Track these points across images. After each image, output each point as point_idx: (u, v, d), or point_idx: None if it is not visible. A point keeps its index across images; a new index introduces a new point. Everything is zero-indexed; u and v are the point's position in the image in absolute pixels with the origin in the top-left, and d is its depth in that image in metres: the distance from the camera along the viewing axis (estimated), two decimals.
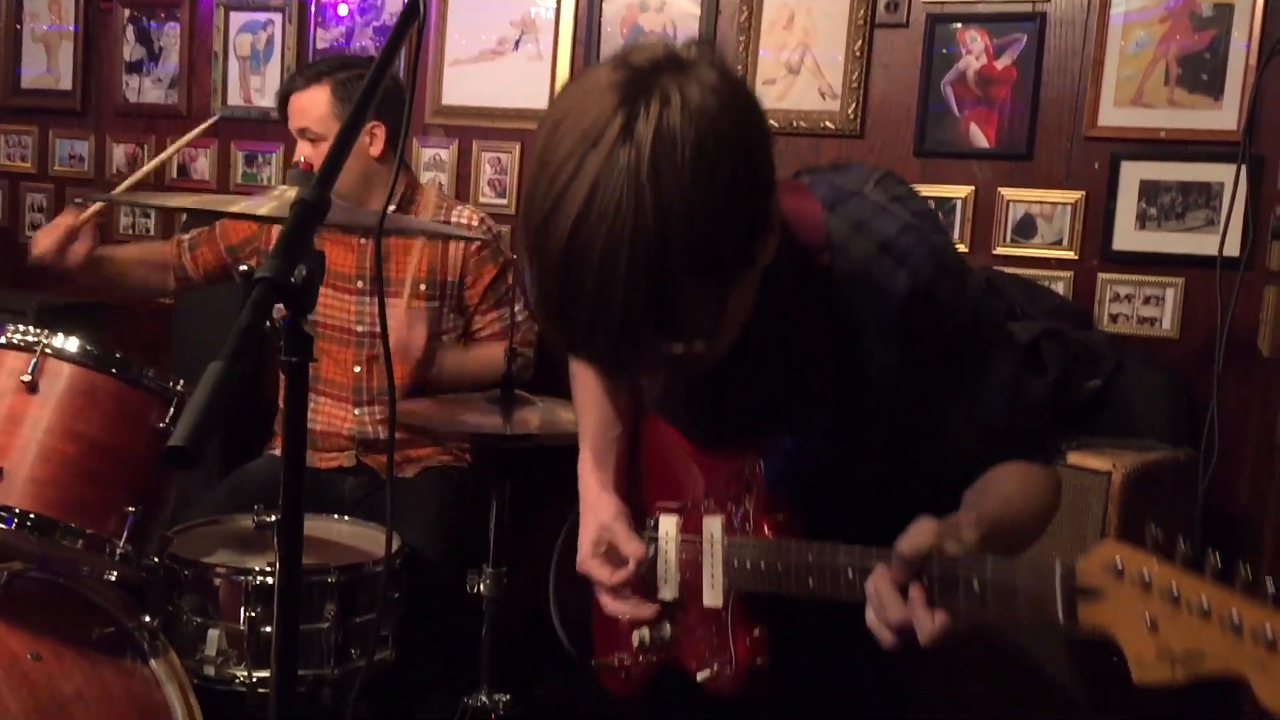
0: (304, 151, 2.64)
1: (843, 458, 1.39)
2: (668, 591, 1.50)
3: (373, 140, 2.67)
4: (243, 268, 1.04)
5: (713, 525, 1.44)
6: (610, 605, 1.50)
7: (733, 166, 1.06)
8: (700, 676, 1.43)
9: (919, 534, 1.14)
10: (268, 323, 1.04)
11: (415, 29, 1.32)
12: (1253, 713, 1.75)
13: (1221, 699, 2.19)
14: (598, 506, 1.55)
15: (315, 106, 2.63)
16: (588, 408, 1.68)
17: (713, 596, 1.43)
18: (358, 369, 2.77)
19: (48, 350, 1.97)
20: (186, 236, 2.92)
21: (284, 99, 2.69)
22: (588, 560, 1.52)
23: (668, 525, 1.52)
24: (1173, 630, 0.94)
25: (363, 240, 2.73)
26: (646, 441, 1.64)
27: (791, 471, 1.38)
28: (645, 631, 1.52)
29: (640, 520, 1.56)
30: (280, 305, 1.04)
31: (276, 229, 2.59)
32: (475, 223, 2.79)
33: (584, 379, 1.70)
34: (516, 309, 2.81)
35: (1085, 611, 1.01)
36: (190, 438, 0.86)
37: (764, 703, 1.46)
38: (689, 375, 1.35)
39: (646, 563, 1.48)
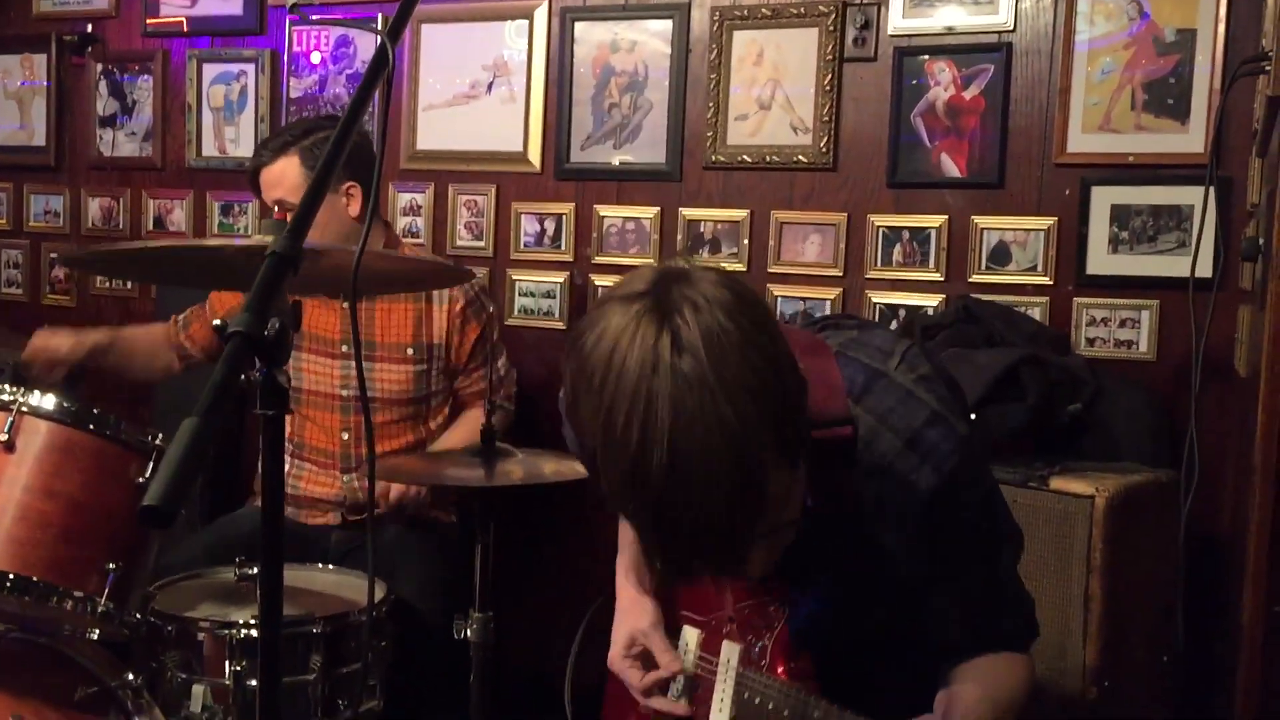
0: (283, 217, 2.64)
1: (855, 622, 1.46)
2: (679, 702, 1.55)
3: (350, 201, 2.68)
4: (216, 322, 1.04)
5: (731, 651, 1.50)
6: (647, 702, 1.56)
7: (769, 339, 1.13)
8: None
9: None
10: (243, 376, 1.04)
11: (385, 77, 1.32)
12: (1245, 714, 1.75)
13: (1218, 701, 2.19)
14: (634, 610, 1.62)
15: (286, 177, 2.63)
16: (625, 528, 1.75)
17: (720, 713, 1.49)
18: (345, 435, 2.75)
19: (24, 408, 1.96)
20: (180, 316, 2.93)
21: (254, 175, 2.69)
22: (619, 660, 1.60)
23: (689, 637, 1.58)
24: None
25: (344, 304, 2.73)
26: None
27: (811, 624, 1.45)
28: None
29: (667, 627, 1.61)
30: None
31: None
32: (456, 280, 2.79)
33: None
34: (499, 364, 2.82)
35: None
36: (165, 497, 0.86)
37: None
38: (770, 564, 1.34)
39: (683, 677, 1.54)
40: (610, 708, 1.78)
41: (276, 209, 2.67)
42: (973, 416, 1.50)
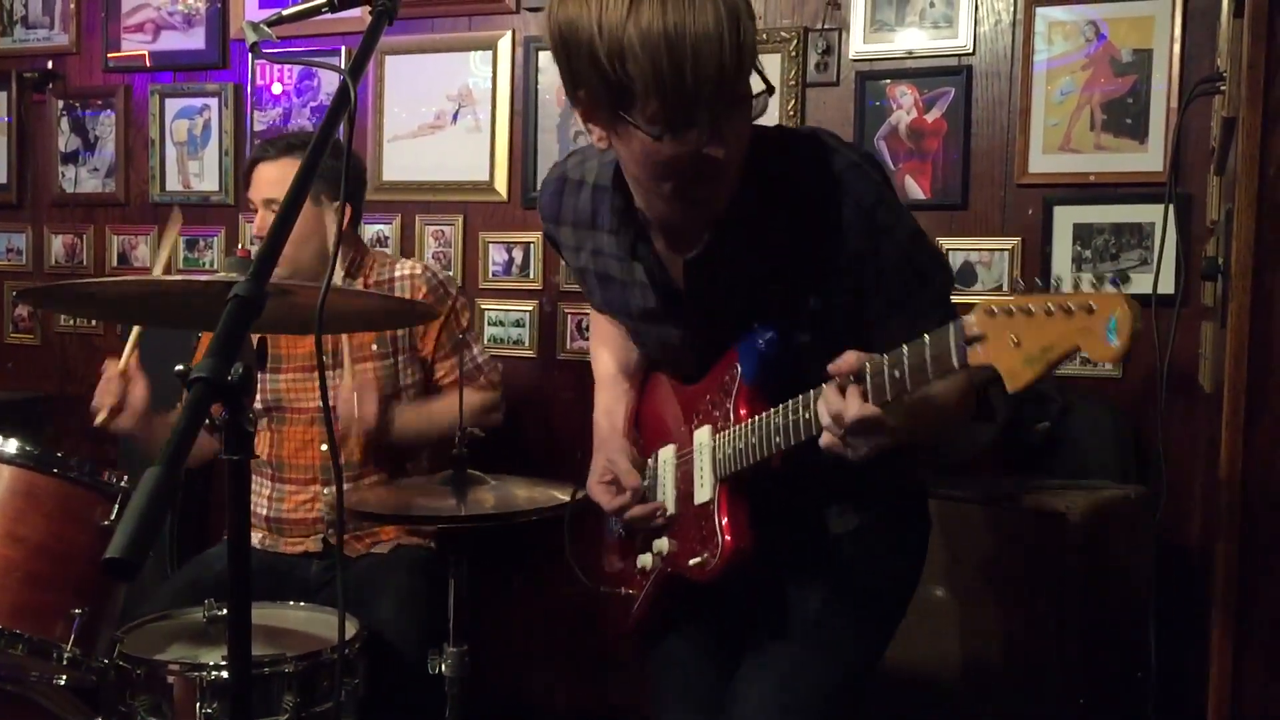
0: (265, 222, 2.62)
1: (806, 350, 1.57)
2: (669, 504, 1.72)
3: (343, 221, 2.67)
4: (178, 367, 1.03)
5: (701, 434, 1.66)
6: (625, 515, 1.73)
7: None
8: (691, 563, 1.63)
9: (849, 355, 1.38)
10: (209, 420, 1.03)
11: (348, 115, 1.32)
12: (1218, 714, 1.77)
13: (1192, 714, 2.20)
14: (606, 444, 1.80)
15: (285, 179, 2.59)
16: (602, 370, 1.93)
17: (702, 493, 1.65)
18: (324, 447, 2.73)
19: None
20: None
21: (252, 166, 2.68)
22: (594, 486, 1.77)
23: (666, 454, 1.75)
24: (1029, 338, 1.17)
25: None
26: (646, 401, 1.88)
27: (764, 368, 1.58)
28: (648, 556, 1.75)
29: (642, 463, 1.79)
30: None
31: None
32: (418, 272, 2.78)
33: (601, 348, 1.93)
34: (474, 351, 2.80)
35: (972, 354, 1.23)
36: (128, 548, 0.85)
37: (748, 589, 1.69)
38: (706, 206, 1.54)
39: (642, 490, 1.72)
40: (608, 571, 1.97)
41: (264, 207, 2.65)
42: None
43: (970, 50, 2.91)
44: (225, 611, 2.17)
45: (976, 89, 2.91)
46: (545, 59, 3.29)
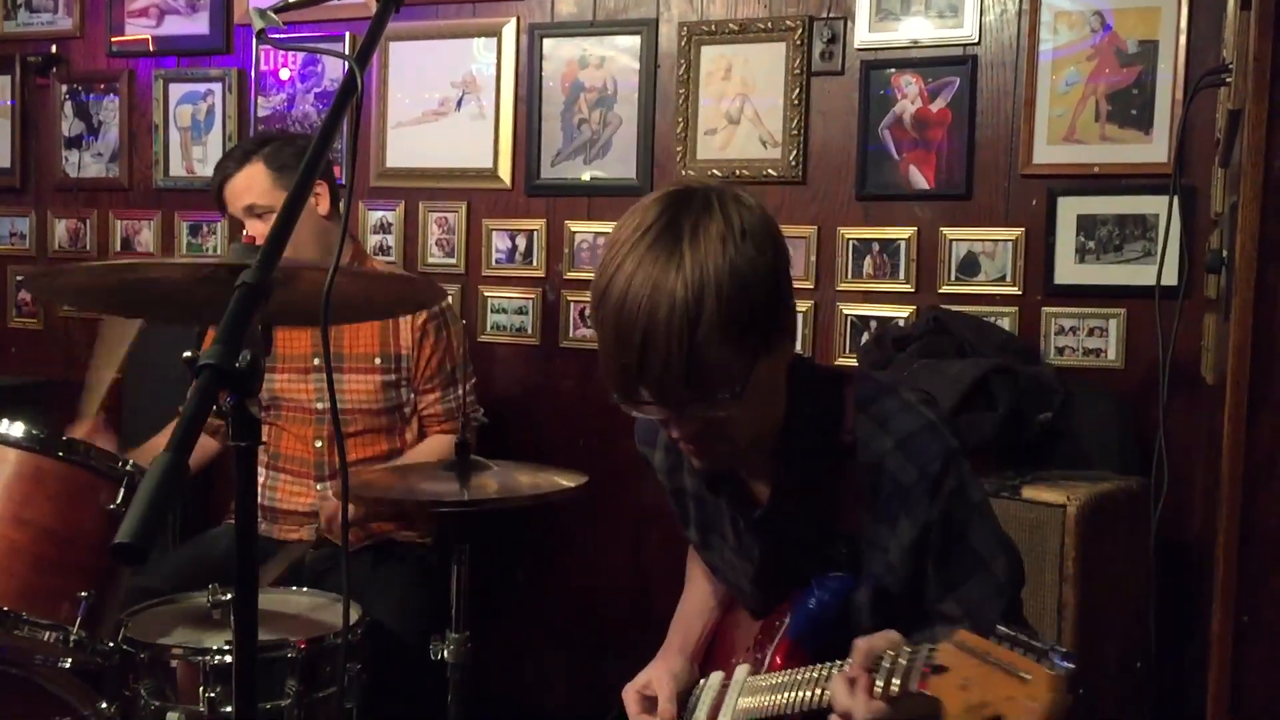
0: (255, 230, 2.63)
1: (863, 611, 1.55)
2: None
3: (318, 200, 2.68)
4: (185, 354, 1.03)
5: (740, 671, 1.64)
6: None
7: (761, 252, 1.37)
8: None
9: (879, 636, 1.32)
10: (216, 407, 1.04)
11: (354, 102, 1.32)
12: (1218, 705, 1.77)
13: (1190, 706, 2.21)
14: (664, 659, 1.78)
15: (255, 182, 2.63)
16: (691, 587, 1.93)
17: None
18: (319, 444, 2.74)
19: None
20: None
21: (219, 190, 2.68)
22: (630, 693, 1.74)
23: (714, 680, 1.72)
24: (976, 685, 1.14)
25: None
26: (725, 623, 1.85)
27: (810, 627, 1.56)
28: None
29: (692, 684, 1.77)
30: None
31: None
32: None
33: (694, 566, 1.93)
34: (464, 390, 2.80)
35: (930, 683, 1.20)
36: (138, 533, 0.85)
37: None
38: (719, 456, 1.52)
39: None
40: None
41: (247, 216, 2.66)
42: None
43: (975, 40, 2.90)
44: (229, 596, 2.19)
45: (981, 79, 2.90)
46: (549, 45, 3.29)
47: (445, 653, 2.30)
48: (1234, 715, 1.79)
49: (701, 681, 1.77)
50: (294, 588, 2.48)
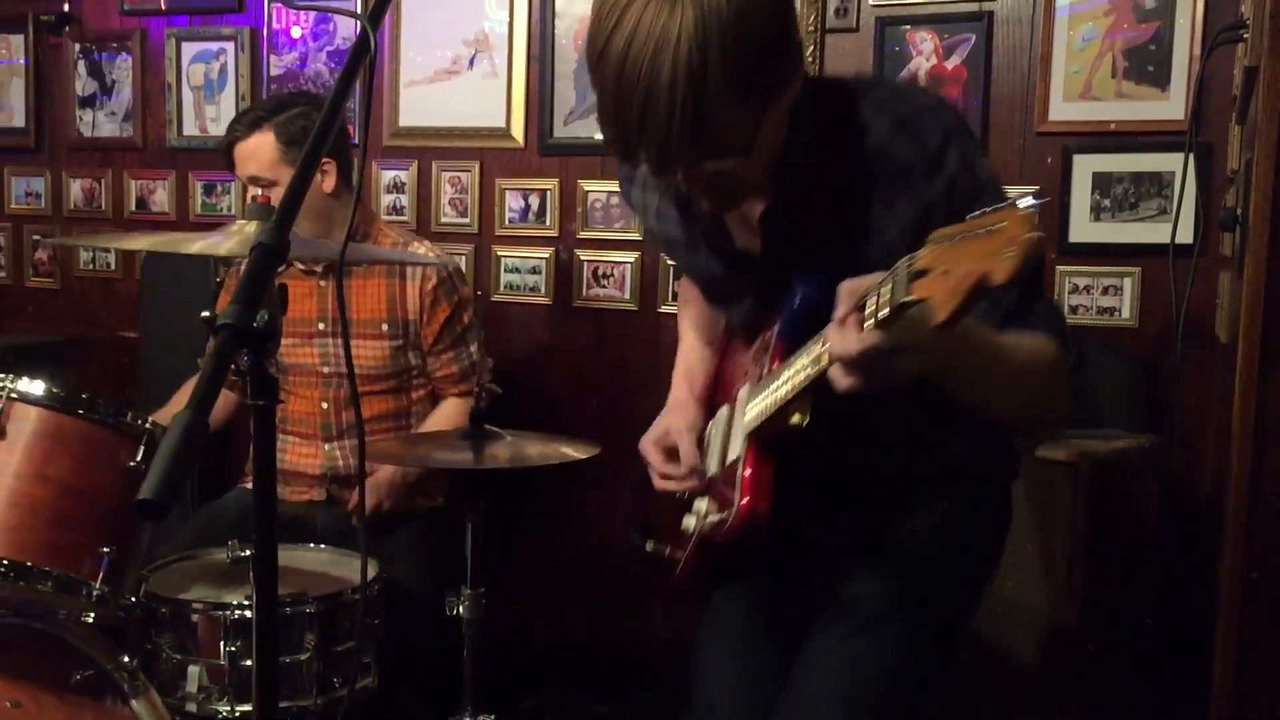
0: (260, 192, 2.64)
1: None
2: (711, 465, 1.65)
3: (324, 177, 2.66)
4: (204, 314, 1.05)
5: (742, 392, 1.61)
6: (660, 484, 1.69)
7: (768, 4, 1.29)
8: (709, 520, 1.58)
9: (863, 277, 1.25)
10: (233, 367, 1.05)
11: (367, 63, 1.33)
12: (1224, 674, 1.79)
13: (1199, 661, 2.23)
14: (678, 409, 1.75)
15: (261, 152, 2.61)
16: (686, 329, 1.90)
17: (733, 450, 1.57)
18: (325, 405, 2.77)
19: (13, 395, 1.97)
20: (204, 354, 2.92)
21: (228, 149, 2.67)
22: (649, 444, 1.72)
23: (721, 414, 1.69)
24: (956, 265, 1.09)
25: (322, 283, 2.73)
26: (725, 361, 1.81)
27: (801, 324, 1.48)
28: (690, 517, 1.66)
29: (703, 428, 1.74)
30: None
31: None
32: (431, 258, 2.78)
33: (686, 307, 1.91)
34: (473, 349, 2.81)
35: (915, 288, 1.13)
36: (160, 489, 0.87)
37: (763, 554, 1.60)
38: (726, 200, 1.50)
39: (698, 468, 1.65)
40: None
41: (250, 184, 2.66)
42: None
43: None
44: (247, 552, 2.23)
45: (997, 35, 2.88)
46: (562, 3, 3.27)
47: (461, 608, 2.33)
48: (1241, 670, 1.81)
49: (710, 421, 1.74)
50: (310, 544, 2.51)
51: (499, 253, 3.40)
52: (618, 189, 3.19)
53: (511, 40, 3.33)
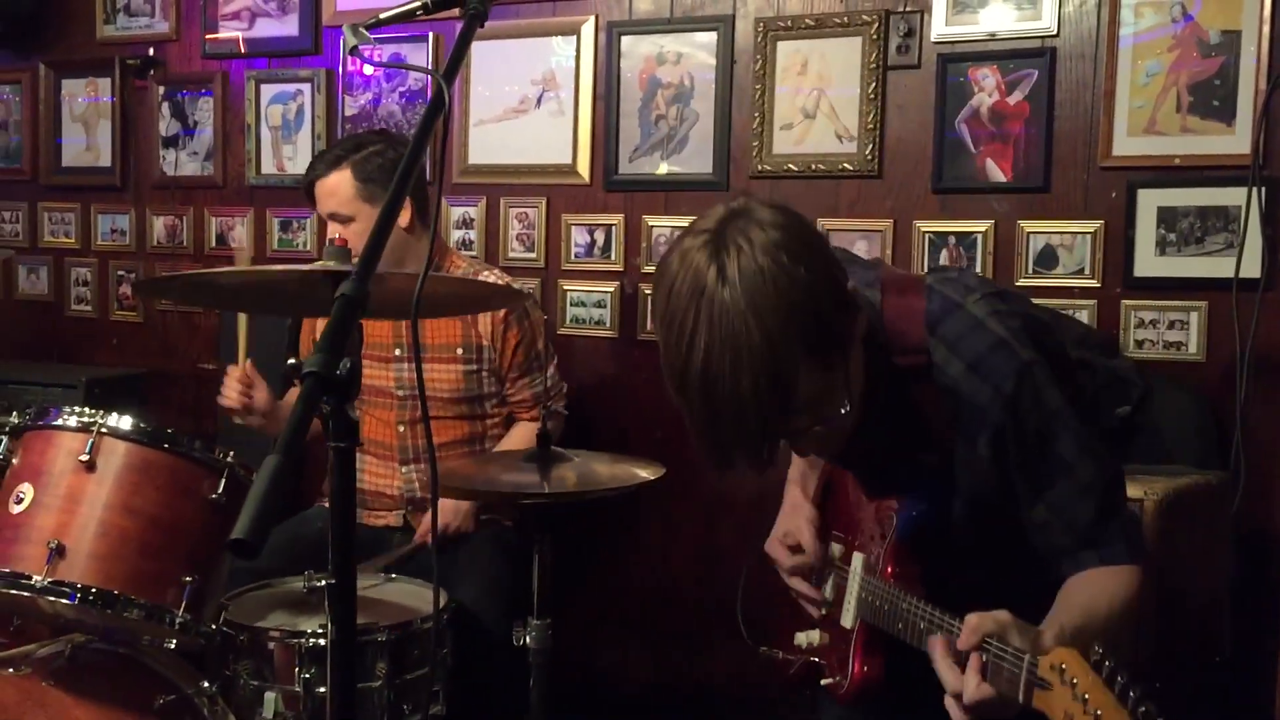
0: (335, 231, 2.73)
1: (951, 530, 1.64)
2: (828, 594, 1.81)
3: (400, 214, 2.75)
4: (290, 361, 1.11)
5: (858, 561, 1.75)
6: (791, 582, 1.84)
7: (807, 269, 1.37)
8: (824, 681, 1.75)
9: (991, 616, 1.32)
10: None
11: (443, 117, 1.39)
12: None
13: (1266, 700, 2.20)
14: (795, 511, 1.88)
15: (340, 190, 2.72)
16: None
17: (846, 617, 1.74)
18: (401, 428, 2.84)
19: (104, 429, 2.06)
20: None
21: (310, 186, 2.78)
22: (774, 544, 1.85)
23: (835, 551, 1.82)
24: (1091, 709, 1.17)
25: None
26: (835, 478, 1.91)
27: (917, 532, 1.65)
28: (805, 635, 1.84)
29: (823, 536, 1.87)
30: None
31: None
32: (500, 283, 2.86)
33: None
34: (549, 373, 2.88)
35: (1037, 698, 1.23)
36: (251, 530, 0.93)
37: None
38: (831, 447, 1.61)
39: (820, 560, 1.81)
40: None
41: (330, 220, 2.76)
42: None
43: (1054, 32, 2.89)
44: (324, 583, 2.29)
45: (1060, 71, 2.89)
46: (628, 43, 3.34)
47: (528, 638, 2.37)
48: None
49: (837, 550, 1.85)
50: (383, 574, 2.57)
51: (565, 287, 3.46)
52: (681, 224, 3.28)
53: (578, 79, 3.40)
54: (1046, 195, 2.92)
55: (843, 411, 1.45)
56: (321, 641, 2.15)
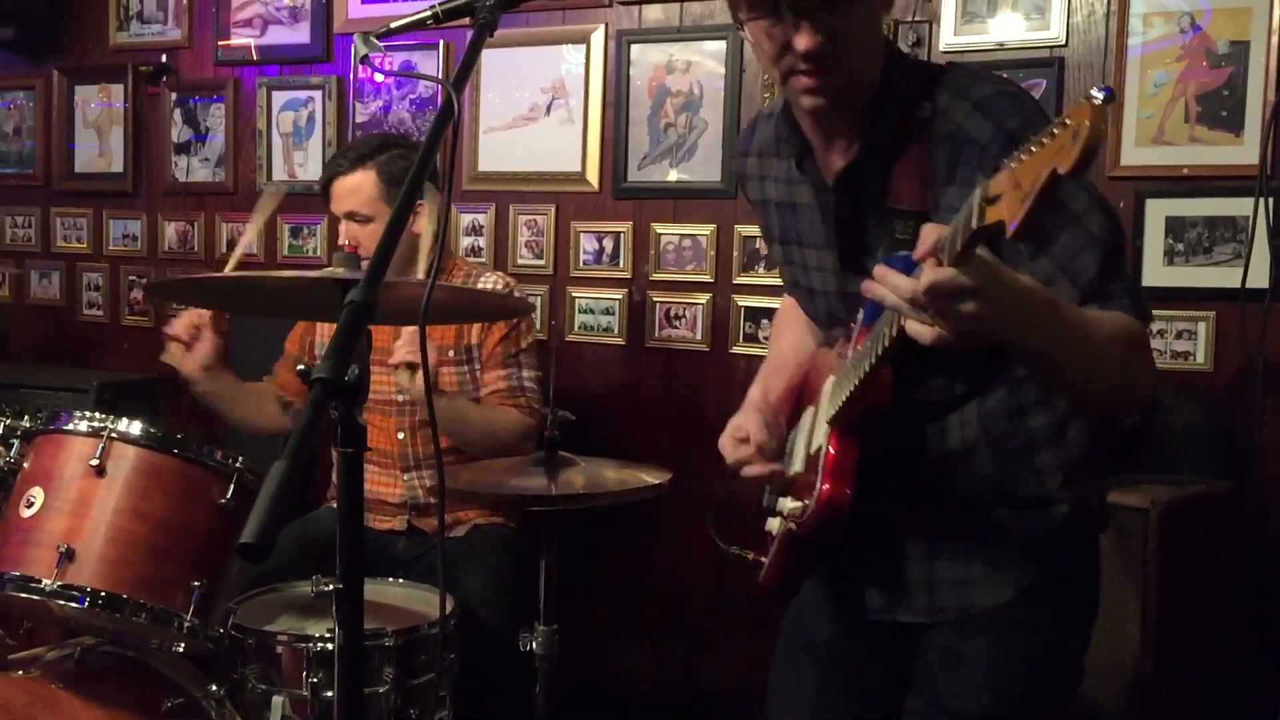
0: (351, 233, 2.73)
1: None
2: (795, 465, 1.71)
3: (415, 218, 2.76)
4: (300, 367, 1.12)
5: (827, 385, 1.67)
6: (745, 472, 1.71)
7: None
8: (788, 508, 1.59)
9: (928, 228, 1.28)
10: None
11: (452, 124, 1.40)
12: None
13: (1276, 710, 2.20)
14: (748, 408, 1.80)
15: (362, 189, 2.73)
16: (774, 347, 2.01)
17: (816, 439, 1.62)
18: (401, 435, 2.85)
19: (114, 435, 2.07)
20: (269, 375, 3.02)
21: (328, 183, 2.78)
22: (723, 441, 1.76)
23: (805, 418, 1.75)
24: (1025, 175, 1.09)
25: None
26: (811, 369, 1.85)
27: (879, 309, 1.49)
28: (775, 520, 1.73)
29: (783, 432, 1.79)
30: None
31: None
32: (499, 287, 2.86)
33: (780, 329, 2.01)
34: (524, 373, 2.84)
35: (989, 212, 1.14)
36: (260, 534, 0.94)
37: (841, 543, 1.64)
38: (829, 86, 1.53)
39: (768, 446, 1.70)
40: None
41: (347, 219, 2.76)
42: None
43: (1063, 41, 2.89)
44: (332, 587, 2.30)
45: (1068, 80, 2.90)
46: (637, 51, 3.35)
47: (534, 644, 2.38)
48: None
49: (794, 428, 1.79)
50: (389, 578, 2.58)
51: (573, 294, 3.47)
52: (689, 232, 3.29)
53: (587, 87, 3.41)
54: None
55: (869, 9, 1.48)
56: (329, 646, 2.16)
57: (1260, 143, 2.69)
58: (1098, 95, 1.05)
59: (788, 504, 1.64)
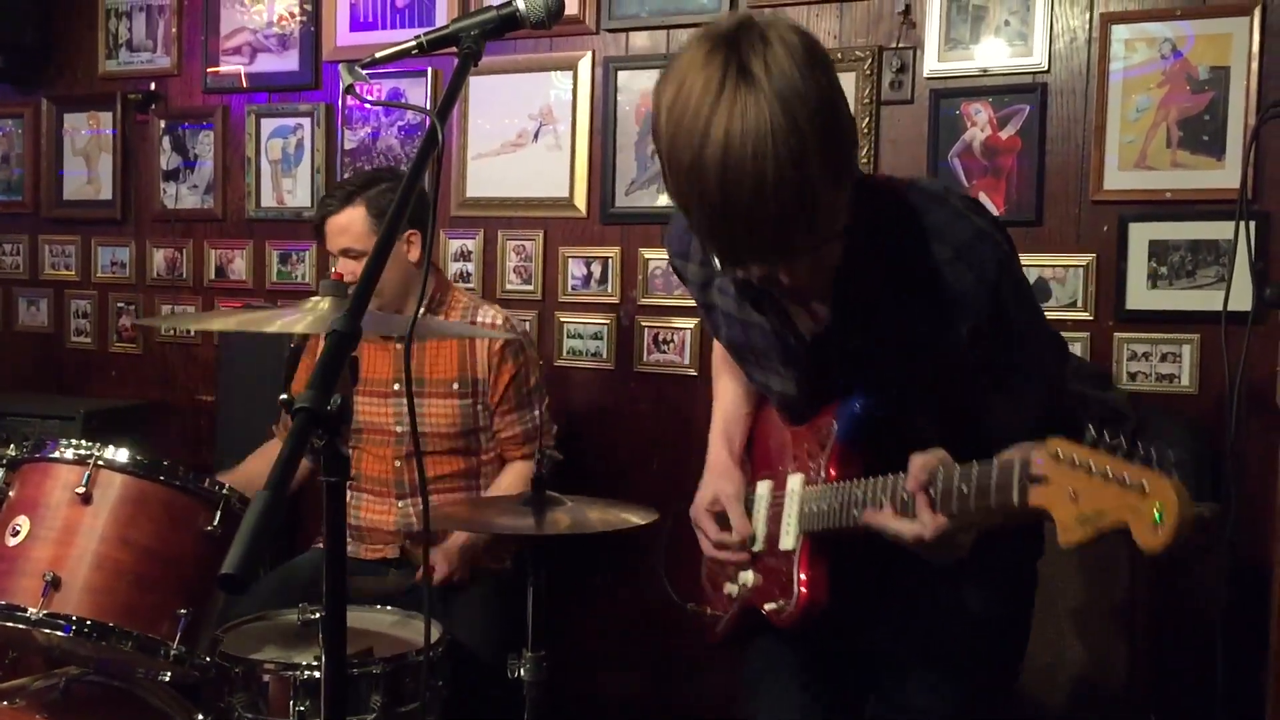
0: (347, 269, 2.73)
1: (902, 419, 1.60)
2: (757, 544, 1.76)
3: (410, 247, 2.78)
4: (282, 396, 1.12)
5: (794, 481, 1.71)
6: (713, 552, 1.80)
7: (829, 79, 1.32)
8: (766, 608, 1.69)
9: (932, 454, 1.42)
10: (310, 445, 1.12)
11: (436, 154, 1.41)
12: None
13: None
14: (724, 476, 1.83)
15: (354, 225, 2.74)
16: (723, 392, 1.98)
17: (786, 540, 1.69)
18: (398, 463, 2.85)
19: (100, 462, 2.07)
20: (275, 426, 3.02)
21: (321, 223, 2.80)
22: (700, 512, 1.81)
23: (763, 489, 1.80)
24: (1086, 497, 1.16)
25: (398, 345, 2.82)
26: (759, 426, 1.91)
27: (859, 431, 1.62)
28: (733, 585, 1.80)
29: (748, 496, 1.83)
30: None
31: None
32: (499, 322, 2.87)
33: (721, 371, 1.99)
34: (536, 413, 2.88)
35: (1033, 494, 1.23)
36: (241, 565, 0.94)
37: (824, 636, 1.74)
38: (813, 289, 1.54)
39: (750, 536, 1.75)
40: (702, 592, 2.00)
41: (341, 257, 2.77)
42: None
43: (1045, 67, 2.92)
44: (318, 615, 2.30)
45: (1051, 106, 2.92)
46: (624, 78, 3.37)
47: (522, 670, 2.37)
48: None
49: (753, 493, 1.82)
50: (377, 605, 2.58)
51: (562, 319, 3.48)
52: None
53: (575, 114, 3.43)
54: (1039, 229, 2.94)
55: (840, 233, 1.40)
56: (316, 674, 2.15)
57: (1241, 166, 2.71)
58: (1174, 472, 1.13)
59: (748, 578, 1.76)
